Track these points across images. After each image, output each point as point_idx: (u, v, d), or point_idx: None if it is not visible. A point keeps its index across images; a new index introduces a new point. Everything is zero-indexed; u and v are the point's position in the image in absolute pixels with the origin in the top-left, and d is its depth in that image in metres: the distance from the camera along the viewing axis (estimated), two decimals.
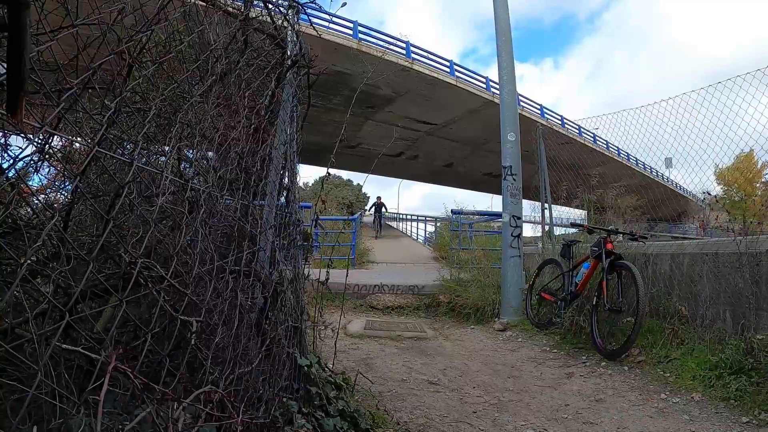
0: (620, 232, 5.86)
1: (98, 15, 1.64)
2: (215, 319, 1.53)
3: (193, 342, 1.30)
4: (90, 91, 1.69)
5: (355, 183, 57.72)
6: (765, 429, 3.09)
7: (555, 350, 5.42)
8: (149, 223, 1.34)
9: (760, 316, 3.97)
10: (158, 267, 1.28)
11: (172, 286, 1.33)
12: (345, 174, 55.80)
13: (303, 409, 2.41)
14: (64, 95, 1.33)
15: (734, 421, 3.26)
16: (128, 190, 1.32)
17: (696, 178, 5.92)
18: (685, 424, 3.28)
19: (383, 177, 45.92)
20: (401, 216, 36.06)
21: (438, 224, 17.98)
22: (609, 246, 5.30)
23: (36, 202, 1.79)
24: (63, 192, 2.06)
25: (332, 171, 3.62)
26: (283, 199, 2.95)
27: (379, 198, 24.18)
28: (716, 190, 6.43)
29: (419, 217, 25.80)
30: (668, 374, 4.18)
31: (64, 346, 1.07)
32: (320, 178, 3.68)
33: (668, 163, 7.84)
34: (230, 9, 2.72)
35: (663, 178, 13.58)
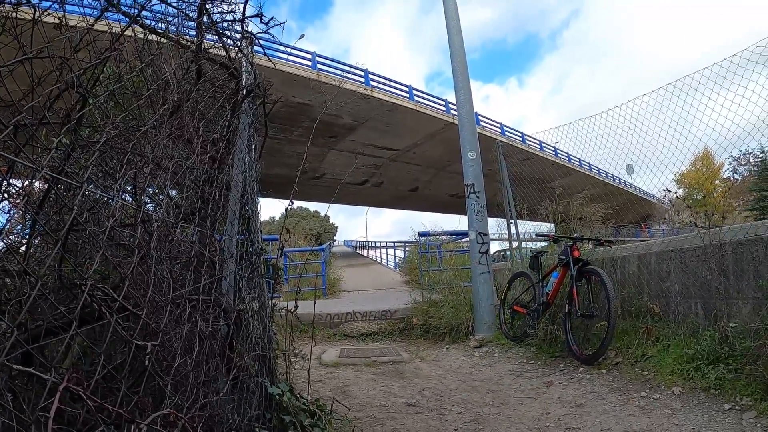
0: (585, 239, 5.95)
1: (52, 49, 1.63)
2: (175, 345, 1.50)
3: (147, 364, 1.27)
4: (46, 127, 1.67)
5: (322, 214, 58.01)
6: (749, 413, 3.13)
7: (532, 361, 5.44)
8: (104, 251, 1.32)
9: (730, 304, 4.06)
10: (111, 290, 1.26)
11: (127, 312, 1.31)
12: (312, 206, 56.06)
13: None
14: (13, 127, 1.31)
15: (717, 410, 3.29)
16: (81, 216, 1.29)
17: (656, 180, 6.08)
18: (668, 419, 3.30)
19: (350, 206, 46.13)
20: (370, 243, 36.07)
21: (407, 248, 17.97)
22: (576, 253, 5.38)
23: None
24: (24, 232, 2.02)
25: (299, 203, 3.61)
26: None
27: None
28: (676, 189, 6.56)
29: (387, 243, 25.00)
30: (646, 372, 4.23)
31: (15, 367, 1.03)
32: (286, 208, 3.63)
33: (629, 169, 8.06)
34: (182, 41, 2.73)
35: (626, 184, 13.93)
